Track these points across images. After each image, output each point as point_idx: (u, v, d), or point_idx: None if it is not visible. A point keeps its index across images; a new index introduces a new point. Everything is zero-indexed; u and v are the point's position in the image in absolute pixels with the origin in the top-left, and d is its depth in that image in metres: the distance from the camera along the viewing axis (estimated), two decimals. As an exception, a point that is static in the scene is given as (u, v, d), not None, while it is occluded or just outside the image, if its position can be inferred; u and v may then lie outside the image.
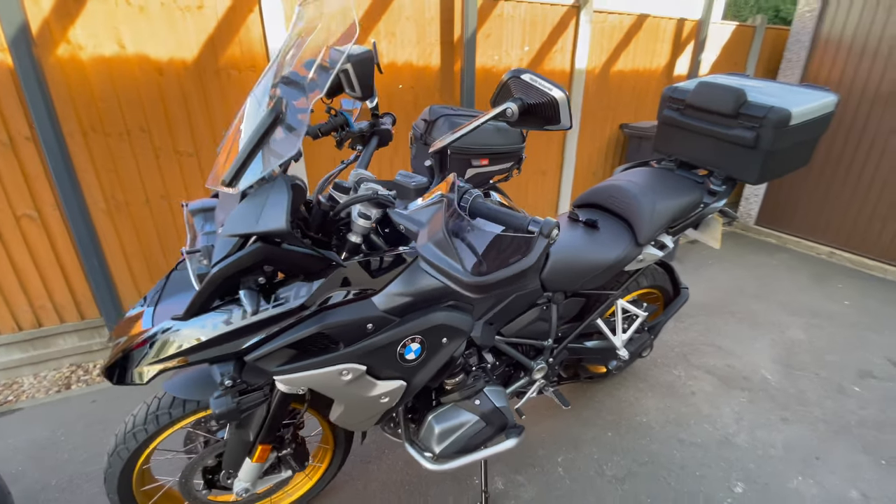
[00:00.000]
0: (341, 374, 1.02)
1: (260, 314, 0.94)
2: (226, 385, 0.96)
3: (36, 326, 2.34)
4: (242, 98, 2.37)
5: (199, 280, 0.93)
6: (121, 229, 2.33)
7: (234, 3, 2.21)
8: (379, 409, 1.16)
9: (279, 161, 0.87)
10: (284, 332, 0.97)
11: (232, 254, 0.88)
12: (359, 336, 1.02)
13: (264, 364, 0.99)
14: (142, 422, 1.20)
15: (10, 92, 1.96)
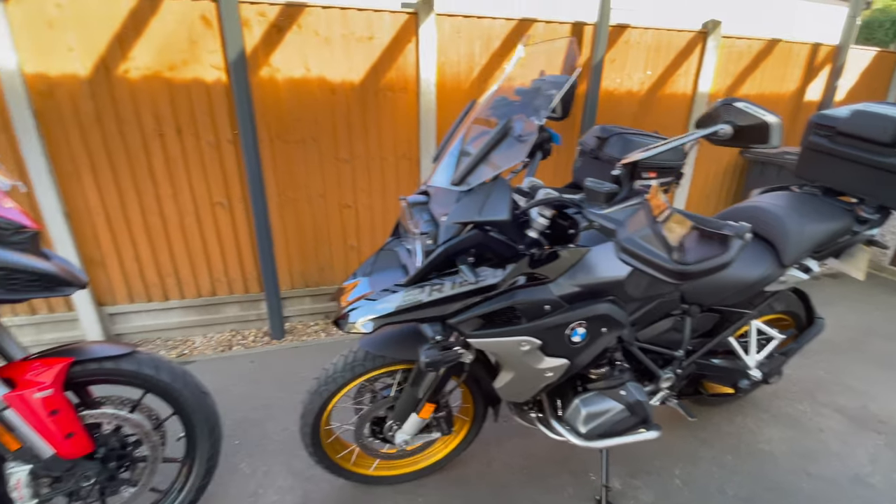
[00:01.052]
0: (520, 345, 1.22)
1: (465, 286, 1.17)
2: (436, 340, 1.20)
3: (211, 295, 2.85)
4: (395, 115, 2.73)
5: (426, 255, 1.18)
6: (286, 221, 2.78)
7: (397, 34, 2.58)
8: (541, 382, 1.34)
9: (503, 168, 1.10)
10: (479, 304, 1.20)
11: (455, 237, 1.12)
12: (538, 315, 1.21)
13: (463, 328, 1.21)
14: (341, 370, 1.49)
15: (222, 104, 2.47)
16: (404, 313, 1.22)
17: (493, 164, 1.10)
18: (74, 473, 1.35)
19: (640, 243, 0.91)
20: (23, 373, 1.25)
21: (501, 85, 1.26)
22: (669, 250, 0.89)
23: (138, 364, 1.41)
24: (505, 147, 1.09)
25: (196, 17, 2.28)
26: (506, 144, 1.09)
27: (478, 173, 1.10)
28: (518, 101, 1.22)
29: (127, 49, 2.26)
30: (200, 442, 1.55)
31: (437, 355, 1.21)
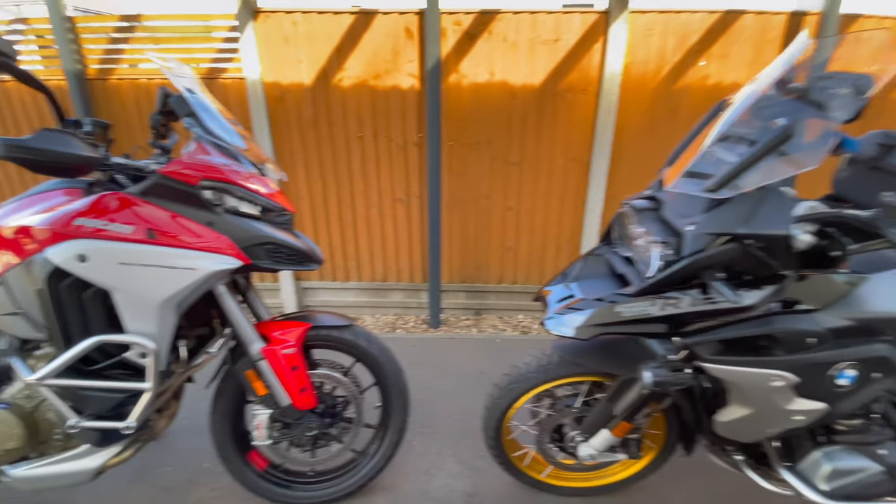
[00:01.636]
0: (771, 380, 1.07)
1: (710, 305, 1.07)
2: (667, 359, 1.13)
3: (382, 280, 3.14)
4: (570, 117, 2.68)
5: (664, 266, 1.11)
6: (452, 219, 2.93)
7: (584, 35, 2.52)
8: (784, 425, 1.17)
9: (787, 175, 0.98)
10: (724, 326, 1.08)
11: (706, 249, 1.03)
12: (798, 348, 1.05)
13: (700, 350, 1.12)
14: (534, 371, 1.49)
15: (412, 110, 2.69)
16: (624, 325, 1.17)
17: (767, 170, 0.98)
18: (301, 423, 1.58)
19: None
20: (272, 331, 1.49)
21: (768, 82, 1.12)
22: None
23: (355, 336, 1.60)
24: (791, 151, 0.96)
25: (401, 29, 2.52)
26: (792, 148, 0.96)
27: (744, 179, 0.99)
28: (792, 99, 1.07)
29: (343, 60, 2.59)
30: (394, 413, 1.70)
31: (666, 376, 1.12)
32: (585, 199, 2.84)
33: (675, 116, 2.69)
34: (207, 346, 1.54)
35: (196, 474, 1.84)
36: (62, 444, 1.40)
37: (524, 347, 2.82)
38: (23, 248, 1.21)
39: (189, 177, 1.25)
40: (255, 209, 1.37)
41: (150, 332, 1.26)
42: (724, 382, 1.15)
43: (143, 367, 1.29)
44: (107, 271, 1.19)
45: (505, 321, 3.16)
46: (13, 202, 1.32)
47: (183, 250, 1.25)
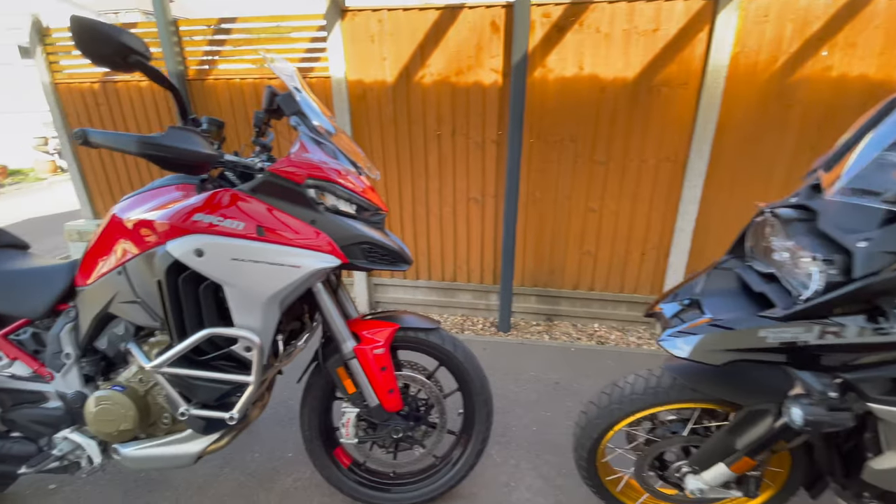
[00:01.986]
0: (965, 431, 0.89)
1: (885, 337, 0.90)
2: (828, 397, 0.98)
3: (452, 280, 3.09)
4: (665, 113, 2.48)
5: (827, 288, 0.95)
6: (528, 220, 2.82)
7: (687, 24, 2.32)
8: None
9: None
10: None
11: (882, 271, 0.86)
12: None
13: (865, 387, 0.95)
14: (641, 392, 1.36)
15: (493, 106, 2.61)
16: (767, 352, 1.02)
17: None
18: (388, 425, 1.56)
19: None
20: (360, 330, 1.48)
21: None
22: None
23: (441, 339, 1.55)
24: None
25: (487, 23, 2.45)
26: None
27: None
28: None
29: (426, 57, 2.56)
30: (478, 423, 1.64)
31: (821, 415, 0.97)
32: (678, 202, 2.63)
33: (788, 113, 2.40)
34: (297, 340, 1.56)
35: (280, 464, 1.89)
36: (168, 428, 1.47)
37: (600, 359, 2.66)
38: (143, 239, 1.26)
39: (296, 175, 1.26)
40: (352, 207, 1.36)
41: (255, 327, 1.28)
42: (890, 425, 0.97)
43: (247, 361, 1.32)
44: (221, 266, 1.22)
45: (579, 329, 3.01)
46: (132, 196, 1.39)
47: (289, 248, 1.25)
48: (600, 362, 2.62)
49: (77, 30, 0.95)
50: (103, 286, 1.34)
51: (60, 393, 1.43)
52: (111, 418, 1.36)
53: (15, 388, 1.48)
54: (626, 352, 2.76)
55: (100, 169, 3.33)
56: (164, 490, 1.77)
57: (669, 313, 1.23)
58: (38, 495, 1.75)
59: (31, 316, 1.42)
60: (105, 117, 3.13)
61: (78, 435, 1.46)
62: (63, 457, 1.47)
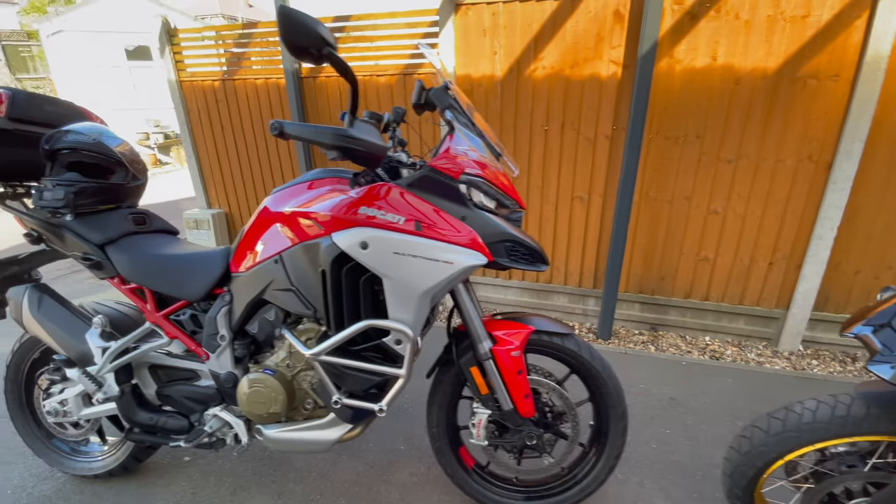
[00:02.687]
0: None
1: None
2: None
3: (547, 282, 2.99)
4: (810, 107, 2.22)
5: None
6: (639, 221, 2.65)
7: (843, 9, 2.05)
8: None
9: None
10: None
11: None
12: None
13: None
14: (826, 420, 1.21)
15: (610, 100, 2.47)
16: None
17: None
18: (521, 431, 1.50)
19: None
20: (494, 330, 1.43)
21: None
22: None
23: (577, 346, 1.46)
24: None
25: (609, 12, 2.32)
26: None
27: None
28: None
29: (540, 50, 2.48)
30: (612, 437, 1.54)
31: None
32: (819, 207, 2.35)
33: (969, 106, 2.07)
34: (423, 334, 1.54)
35: (394, 456, 1.90)
36: (308, 413, 1.50)
37: (717, 375, 2.45)
38: (303, 230, 1.29)
39: (454, 171, 1.23)
40: (492, 203, 1.31)
41: (409, 321, 1.27)
42: None
43: (396, 354, 1.32)
44: (383, 259, 1.22)
45: (688, 342, 2.79)
46: (283, 189, 1.43)
47: (444, 244, 1.23)
48: (718, 379, 2.41)
49: (283, 19, 0.97)
50: (259, 273, 1.39)
51: (214, 372, 1.51)
52: (263, 400, 1.41)
53: (171, 366, 1.59)
54: (746, 369, 2.52)
55: (215, 163, 3.58)
56: (288, 471, 1.84)
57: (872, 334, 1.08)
58: (176, 466, 1.88)
59: (190, 298, 1.51)
60: (223, 113, 3.35)
61: (227, 413, 1.53)
62: (213, 433, 1.55)
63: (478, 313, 1.43)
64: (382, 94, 2.84)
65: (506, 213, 1.40)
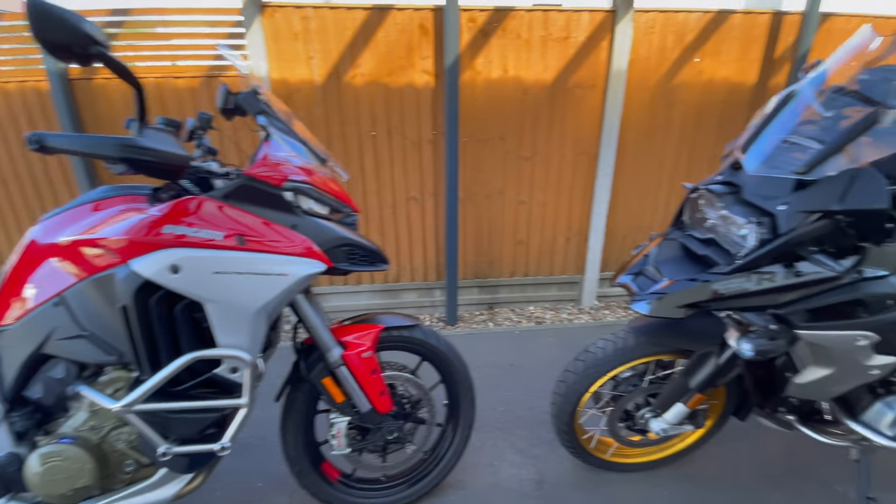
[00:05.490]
0: (857, 340, 1.20)
1: (803, 277, 1.17)
2: (769, 329, 1.22)
3: (395, 281, 3.09)
4: (579, 112, 2.78)
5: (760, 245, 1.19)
6: (466, 215, 2.94)
7: (591, 33, 2.63)
8: (860, 381, 1.30)
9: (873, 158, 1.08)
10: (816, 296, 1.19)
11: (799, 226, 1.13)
12: (880, 309, 1.18)
13: (793, 319, 1.22)
14: (611, 354, 1.55)
15: (427, 106, 2.68)
16: (716, 301, 1.25)
17: (853, 153, 1.09)
18: (381, 428, 1.54)
19: None
20: (343, 335, 1.45)
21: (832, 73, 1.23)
22: None
23: (425, 335, 1.58)
24: (875, 136, 1.08)
25: (416, 26, 2.50)
26: (874, 134, 1.07)
27: (832, 162, 1.10)
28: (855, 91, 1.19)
29: (356, 57, 2.53)
30: (464, 410, 1.70)
31: (766, 345, 1.22)
32: (593, 191, 2.96)
33: (671, 111, 2.87)
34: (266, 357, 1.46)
35: (253, 496, 1.74)
36: (130, 477, 1.28)
37: (542, 337, 2.89)
38: (90, 261, 1.09)
39: (275, 178, 1.19)
40: (325, 209, 1.33)
41: (244, 345, 1.18)
42: (809, 346, 1.27)
43: (232, 383, 1.21)
44: (201, 282, 1.10)
45: (518, 313, 3.22)
46: (58, 213, 1.19)
47: (275, 255, 1.18)
48: (543, 340, 2.85)
49: (34, 13, 0.80)
50: (33, 323, 1.13)
51: (-16, 459, 1.16)
52: (63, 476, 1.14)
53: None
54: (562, 327, 3.03)
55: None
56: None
57: (631, 281, 1.43)
58: None
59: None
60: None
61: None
62: (-6, 538, 1.19)
63: (324, 322, 1.41)
64: (184, 97, 2.53)
65: (340, 218, 1.42)
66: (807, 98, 1.25)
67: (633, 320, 1.58)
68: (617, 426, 1.70)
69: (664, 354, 1.56)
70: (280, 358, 1.54)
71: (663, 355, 1.56)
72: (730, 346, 1.38)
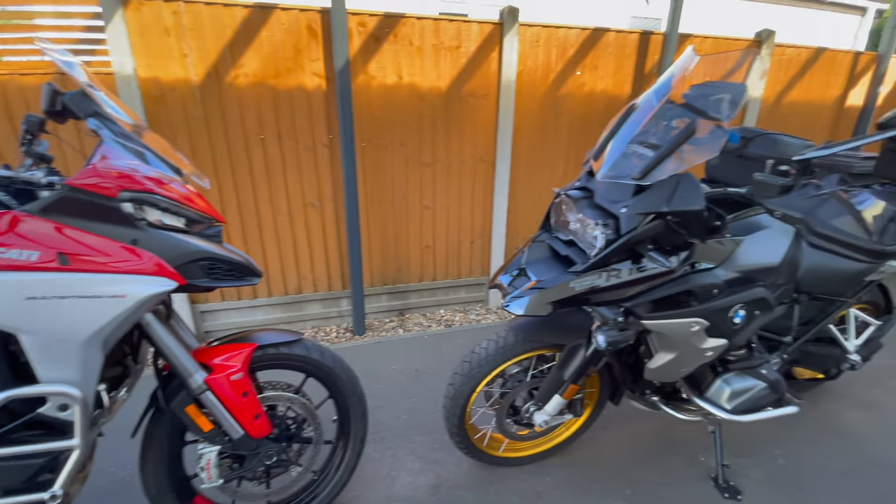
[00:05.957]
0: (691, 326, 1.34)
1: (644, 272, 1.29)
2: (617, 322, 1.32)
3: (297, 292, 2.95)
4: (475, 119, 2.87)
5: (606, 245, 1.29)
6: (370, 221, 2.90)
7: (481, 44, 2.72)
8: (698, 361, 1.45)
9: (692, 164, 1.22)
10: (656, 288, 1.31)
11: (638, 227, 1.24)
12: (707, 298, 1.33)
13: (638, 310, 1.33)
14: (493, 353, 1.60)
15: (320, 110, 2.59)
16: (575, 298, 1.34)
17: (678, 161, 1.22)
18: (258, 453, 1.45)
19: (838, 227, 1.04)
20: (211, 357, 1.35)
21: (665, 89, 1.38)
22: (869, 233, 1.01)
23: (307, 349, 1.52)
24: (694, 144, 1.21)
25: (303, 27, 2.41)
26: (694, 142, 1.21)
27: (662, 169, 1.23)
28: (683, 104, 1.34)
29: (239, 56, 2.38)
30: (354, 423, 1.65)
31: (615, 336, 1.32)
32: (493, 195, 3.07)
33: (558, 120, 3.06)
34: (118, 389, 1.31)
35: (115, 544, 1.55)
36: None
37: (451, 340, 2.93)
38: None
39: (105, 187, 1.07)
40: (180, 221, 1.23)
41: (72, 379, 1.04)
42: (655, 335, 1.40)
43: (63, 423, 1.06)
44: (11, 309, 0.95)
45: (428, 318, 3.24)
46: None
47: (108, 275, 1.06)
48: (452, 342, 2.89)
49: None
50: None
51: None
52: None
53: None
54: (470, 328, 3.10)
55: None
56: None
57: (507, 283, 1.49)
58: None
59: None
60: None
61: None
62: None
63: (183, 346, 1.29)
64: (32, 97, 2.21)
65: (200, 230, 1.31)
66: (646, 110, 1.39)
67: (513, 319, 1.65)
68: (505, 422, 1.76)
69: (542, 349, 1.64)
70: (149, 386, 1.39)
71: (542, 350, 1.65)
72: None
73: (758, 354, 1.58)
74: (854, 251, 1.04)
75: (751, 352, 1.59)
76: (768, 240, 1.41)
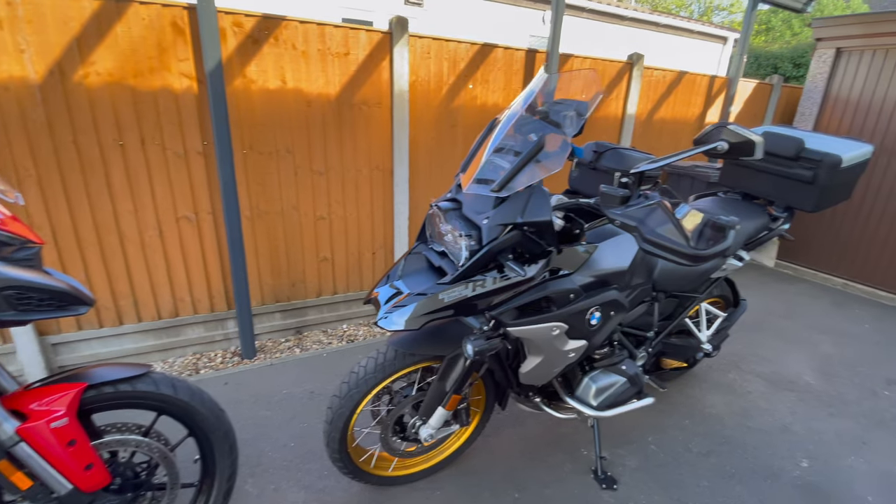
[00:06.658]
0: (552, 330, 1.39)
1: (507, 281, 1.32)
2: (484, 330, 1.32)
3: (172, 316, 2.66)
4: (369, 128, 2.81)
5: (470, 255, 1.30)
6: (257, 235, 2.70)
7: (372, 52, 2.68)
8: (563, 363, 1.51)
9: (542, 176, 1.27)
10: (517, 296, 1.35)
11: (498, 237, 1.27)
12: (565, 302, 1.39)
13: (503, 318, 1.35)
14: (373, 371, 1.54)
15: (192, 114, 2.37)
16: (447, 310, 1.33)
17: (530, 173, 1.26)
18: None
19: (663, 235, 1.14)
20: (28, 403, 1.15)
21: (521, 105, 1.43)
22: (687, 239, 1.12)
23: (155, 384, 1.35)
24: (542, 158, 1.27)
25: (167, 22, 2.19)
26: (543, 156, 1.26)
27: (517, 181, 1.27)
28: (538, 119, 1.40)
29: (89, 53, 2.09)
30: (220, 461, 1.50)
31: (483, 345, 1.33)
32: (393, 204, 3.03)
33: (454, 130, 3.12)
34: None
35: None
36: None
37: (354, 355, 2.82)
38: None
39: None
40: None
41: None
42: (523, 340, 1.44)
43: None
44: None
45: (329, 334, 3.09)
46: None
47: None
48: (353, 358, 2.78)
49: None
50: None
51: None
52: None
53: None
54: (374, 342, 3.01)
55: None
56: None
57: (384, 297, 1.44)
58: None
59: None
60: None
61: None
62: None
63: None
64: None
65: (8, 253, 1.10)
66: (506, 124, 1.44)
67: (392, 334, 1.61)
68: (391, 440, 1.71)
69: (424, 363, 1.61)
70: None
71: (424, 363, 1.62)
72: None
73: (619, 352, 1.70)
74: (677, 255, 1.15)
75: (613, 349, 1.70)
76: (619, 246, 1.53)
